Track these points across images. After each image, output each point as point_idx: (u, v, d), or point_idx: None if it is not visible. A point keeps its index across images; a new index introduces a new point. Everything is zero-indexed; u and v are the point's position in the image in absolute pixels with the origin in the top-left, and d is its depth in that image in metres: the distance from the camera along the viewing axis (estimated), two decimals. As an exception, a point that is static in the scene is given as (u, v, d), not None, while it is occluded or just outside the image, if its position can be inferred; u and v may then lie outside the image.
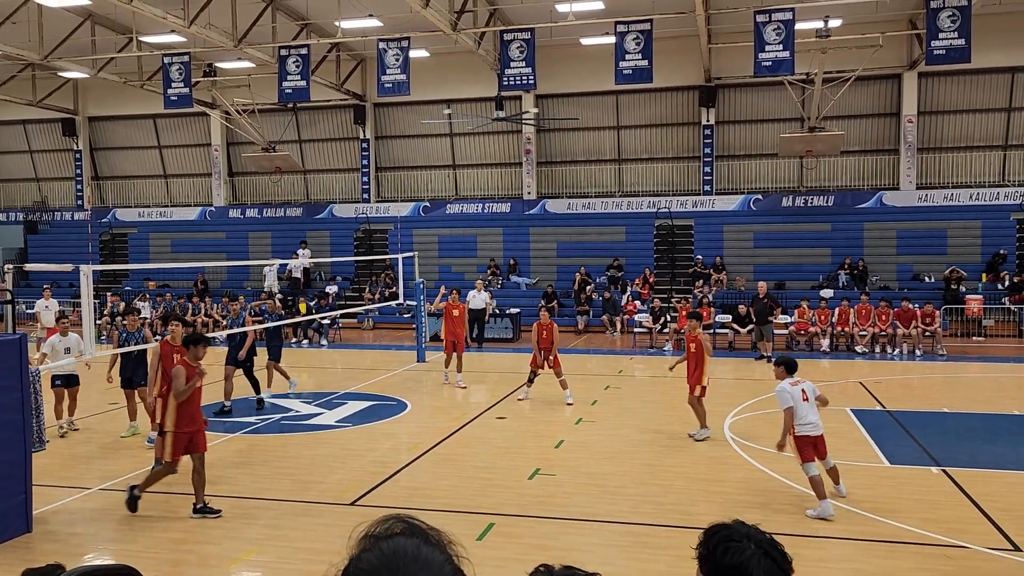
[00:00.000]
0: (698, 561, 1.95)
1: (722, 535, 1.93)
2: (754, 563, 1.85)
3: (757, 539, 1.90)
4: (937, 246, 24.45)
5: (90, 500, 8.67)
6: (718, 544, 1.91)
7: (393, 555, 1.26)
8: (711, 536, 1.94)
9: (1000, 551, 6.86)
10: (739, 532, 1.92)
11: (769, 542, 1.90)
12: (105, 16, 24.13)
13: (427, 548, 1.28)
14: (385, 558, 1.26)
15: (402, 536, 1.29)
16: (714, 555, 1.90)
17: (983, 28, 20.75)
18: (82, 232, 30.25)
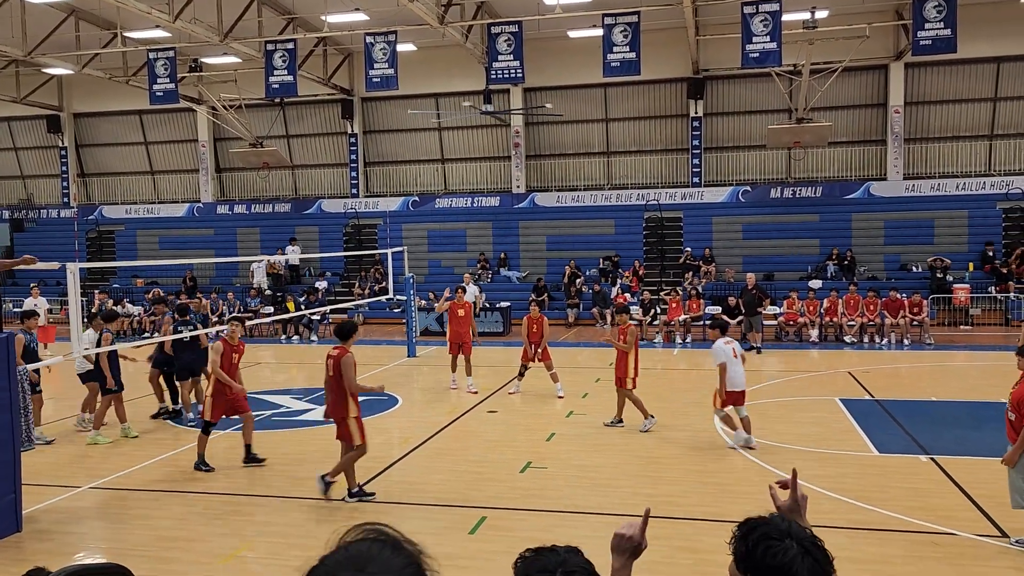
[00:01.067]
0: (734, 556, 1.86)
1: (761, 532, 1.83)
2: (798, 563, 1.76)
3: (799, 536, 1.81)
4: (924, 236, 24.58)
5: (80, 499, 8.64)
6: (758, 542, 1.82)
7: (357, 555, 1.31)
8: (749, 532, 1.85)
9: (988, 537, 6.93)
10: (779, 529, 1.83)
11: (810, 540, 1.81)
12: (89, 11, 23.93)
13: (389, 552, 1.32)
14: (349, 557, 1.31)
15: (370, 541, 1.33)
16: (754, 554, 1.82)
17: (968, 18, 20.84)
18: (69, 230, 30.04)
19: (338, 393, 8.18)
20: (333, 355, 8.25)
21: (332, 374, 8.20)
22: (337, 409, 8.25)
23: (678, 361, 18.17)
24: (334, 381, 8.19)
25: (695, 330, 20.94)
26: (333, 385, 8.20)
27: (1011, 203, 24.61)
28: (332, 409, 8.33)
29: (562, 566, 1.79)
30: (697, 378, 16.15)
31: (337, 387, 8.17)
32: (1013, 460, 6.52)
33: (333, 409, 8.31)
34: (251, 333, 23.63)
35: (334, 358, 8.22)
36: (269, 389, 14.86)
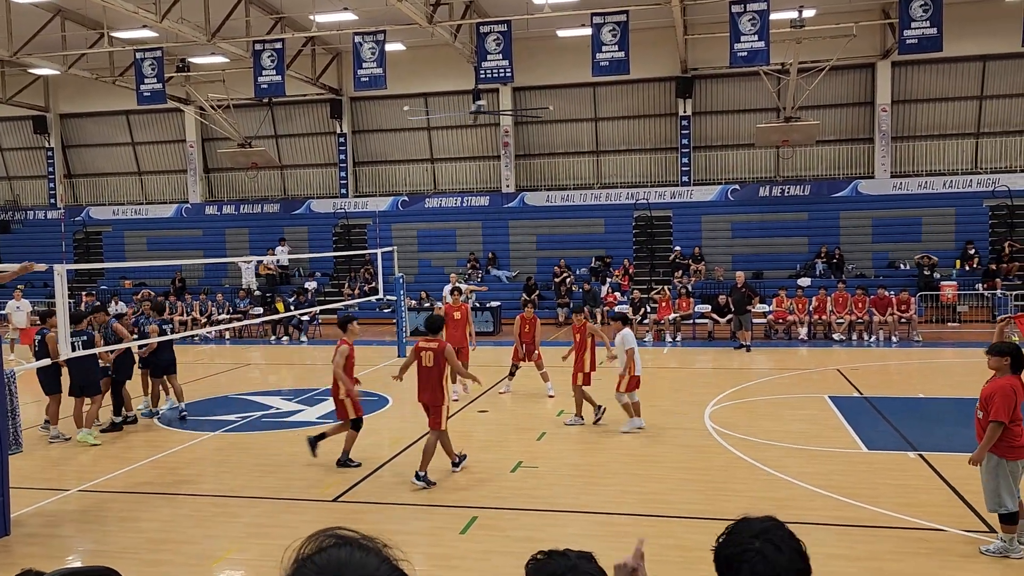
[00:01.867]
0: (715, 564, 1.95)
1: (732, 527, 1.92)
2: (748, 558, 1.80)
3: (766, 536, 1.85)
4: (912, 234, 24.72)
5: (69, 501, 8.59)
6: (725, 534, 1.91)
7: (327, 565, 1.28)
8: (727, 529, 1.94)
9: (976, 533, 6.97)
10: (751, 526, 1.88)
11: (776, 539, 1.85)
12: (75, 11, 23.76)
13: (360, 554, 1.30)
14: (322, 568, 1.28)
15: (334, 548, 1.31)
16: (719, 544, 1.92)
17: (954, 17, 20.96)
18: (55, 231, 29.84)
19: (437, 382, 8.75)
20: (433, 347, 8.76)
21: (432, 365, 8.72)
22: (435, 396, 8.79)
23: (668, 359, 18.20)
24: (434, 371, 8.74)
25: (685, 328, 20.99)
26: (434, 375, 8.74)
27: (997, 200, 24.77)
28: (430, 396, 8.82)
29: (571, 572, 1.80)
30: (687, 377, 16.20)
31: (437, 376, 8.73)
32: (979, 459, 6.49)
33: (431, 396, 8.81)
34: (240, 334, 23.57)
35: (435, 351, 8.73)
36: (258, 390, 14.80)
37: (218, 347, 22.07)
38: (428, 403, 8.88)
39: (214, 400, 13.97)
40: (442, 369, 8.76)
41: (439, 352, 8.75)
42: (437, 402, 8.80)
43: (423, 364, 8.84)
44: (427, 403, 8.89)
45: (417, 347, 8.96)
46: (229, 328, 22.89)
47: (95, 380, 11.28)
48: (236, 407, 13.19)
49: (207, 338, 22.99)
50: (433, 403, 8.83)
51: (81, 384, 11.12)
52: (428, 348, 8.84)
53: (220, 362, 19.18)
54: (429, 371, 8.79)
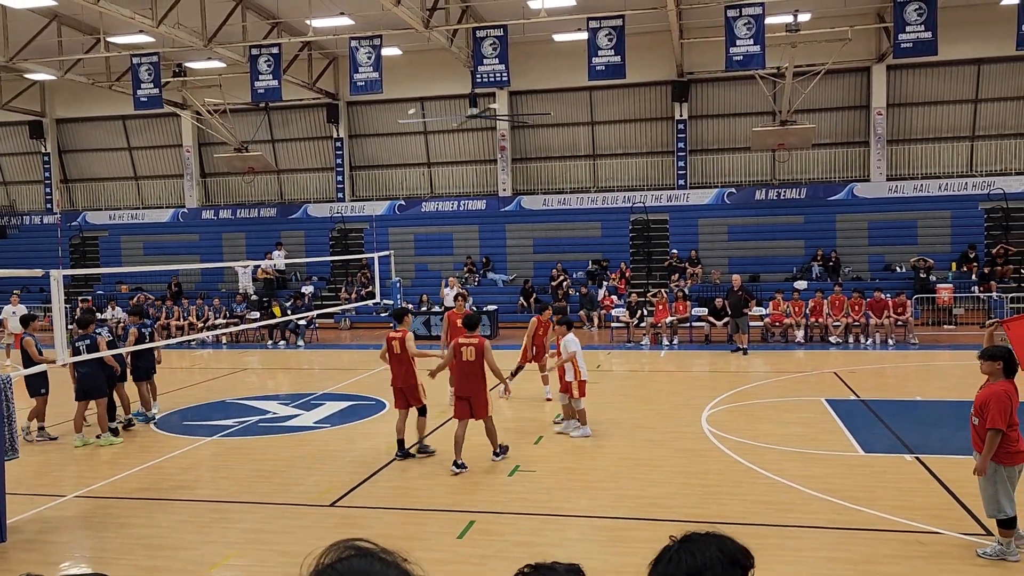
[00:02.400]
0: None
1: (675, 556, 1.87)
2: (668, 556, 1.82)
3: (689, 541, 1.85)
4: (908, 236, 24.78)
5: (66, 507, 8.57)
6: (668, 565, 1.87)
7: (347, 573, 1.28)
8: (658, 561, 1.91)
9: (973, 536, 6.98)
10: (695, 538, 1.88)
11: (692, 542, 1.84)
12: (71, 16, 23.76)
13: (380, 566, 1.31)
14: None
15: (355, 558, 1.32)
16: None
17: (949, 21, 21.05)
18: (52, 236, 29.80)
19: (479, 375, 9.38)
20: (474, 343, 9.36)
21: (474, 359, 9.33)
22: (478, 388, 9.42)
23: (665, 363, 18.22)
24: (476, 365, 9.35)
25: (682, 332, 21.01)
26: (476, 368, 9.36)
27: (992, 203, 24.85)
28: (472, 389, 9.42)
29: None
30: (684, 380, 16.21)
31: (479, 370, 9.37)
32: (983, 468, 6.43)
33: (474, 389, 9.42)
34: (237, 339, 23.54)
35: (476, 346, 9.35)
36: (255, 395, 14.78)
37: (215, 352, 22.04)
38: (471, 396, 9.43)
39: (211, 405, 13.95)
40: (482, 363, 9.34)
41: (479, 347, 9.35)
42: (480, 392, 9.42)
43: (464, 359, 9.38)
44: (470, 396, 9.43)
45: (457, 344, 9.50)
46: (226, 333, 22.87)
47: (100, 384, 11.31)
48: (233, 412, 13.17)
49: (204, 343, 22.96)
50: (476, 394, 9.42)
51: (85, 388, 11.15)
52: (469, 344, 9.39)
53: (217, 367, 19.16)
54: (471, 365, 9.36)
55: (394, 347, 10.10)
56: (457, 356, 9.45)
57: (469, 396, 9.43)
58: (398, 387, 10.14)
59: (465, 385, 9.48)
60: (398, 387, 10.14)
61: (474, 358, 9.35)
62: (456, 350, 9.48)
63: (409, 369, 10.08)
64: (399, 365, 10.08)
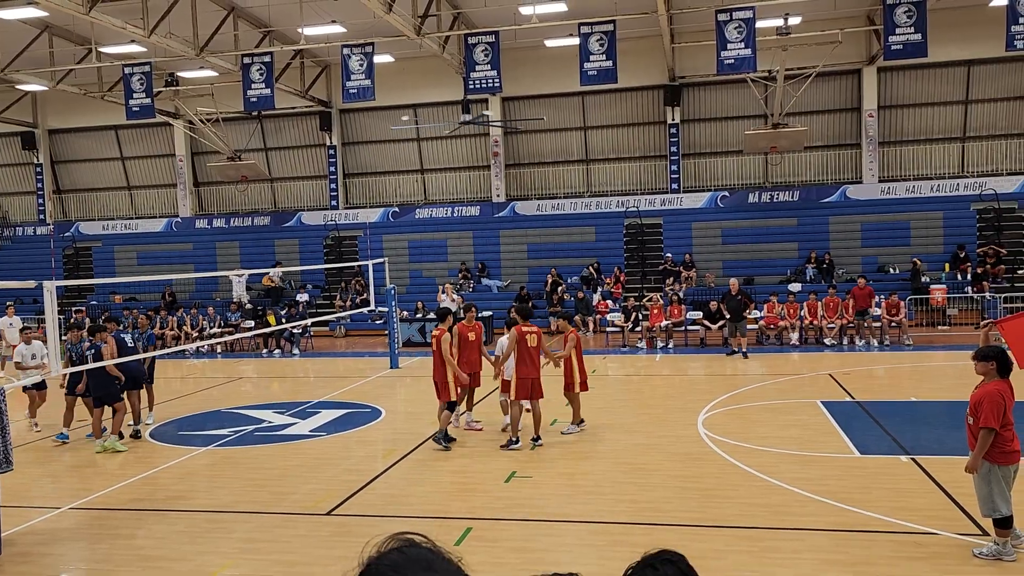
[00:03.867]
0: None
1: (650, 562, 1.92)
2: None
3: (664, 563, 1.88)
4: (901, 238, 24.86)
5: (61, 519, 8.53)
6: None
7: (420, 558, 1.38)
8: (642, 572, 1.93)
9: (969, 536, 6.99)
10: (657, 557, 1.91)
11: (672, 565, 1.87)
12: (63, 27, 23.73)
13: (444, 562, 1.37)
14: (412, 559, 1.37)
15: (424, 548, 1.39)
16: None
17: (938, 23, 21.15)
18: (45, 247, 29.72)
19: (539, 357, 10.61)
20: (535, 330, 10.52)
21: (537, 344, 10.47)
22: (538, 370, 10.59)
23: (661, 367, 18.23)
24: (538, 349, 10.54)
25: (677, 335, 21.03)
26: (538, 353, 10.57)
27: (984, 204, 24.94)
28: (538, 372, 10.56)
29: None
30: (680, 383, 16.23)
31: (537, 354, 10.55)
32: (974, 466, 6.48)
33: (539, 371, 10.58)
34: (232, 348, 23.49)
35: (537, 332, 10.52)
36: (251, 404, 14.75)
37: (210, 361, 21.99)
38: (537, 377, 10.52)
39: (206, 415, 13.91)
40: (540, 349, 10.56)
41: (539, 334, 10.58)
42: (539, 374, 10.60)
43: (529, 345, 10.40)
44: (537, 377, 10.52)
45: (520, 331, 10.39)
46: (221, 342, 22.81)
47: (113, 391, 11.45)
48: (228, 421, 13.13)
49: (200, 352, 22.91)
50: (538, 376, 10.57)
51: (100, 395, 11.37)
52: (532, 332, 10.50)
53: (212, 376, 19.11)
54: (536, 351, 10.48)
55: (431, 344, 11.14)
56: (523, 343, 10.33)
57: (536, 377, 10.51)
58: (434, 380, 11.13)
59: (534, 368, 10.46)
60: (434, 380, 11.13)
61: (537, 343, 10.45)
62: (521, 337, 10.35)
63: (440, 365, 10.89)
64: (435, 360, 11.02)
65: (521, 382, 10.44)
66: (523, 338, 10.41)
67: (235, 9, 22.74)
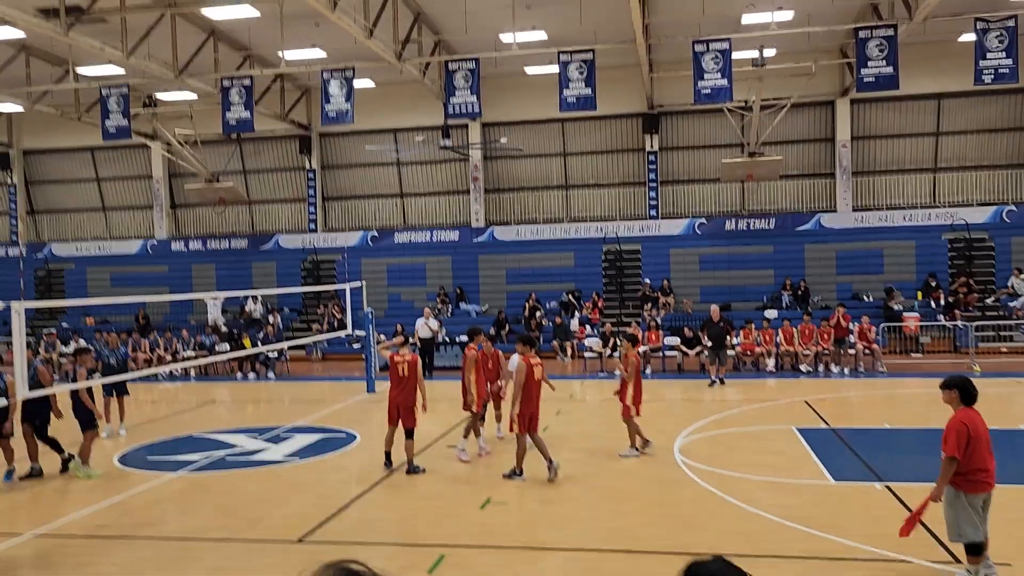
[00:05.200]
0: None
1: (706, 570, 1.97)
2: None
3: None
4: (874, 265, 25.19)
5: (22, 547, 8.31)
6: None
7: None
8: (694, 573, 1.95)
9: (941, 564, 7.01)
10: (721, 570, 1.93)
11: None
12: (40, 48, 23.61)
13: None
14: None
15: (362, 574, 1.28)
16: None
17: (910, 57, 21.61)
18: (14, 268, 29.31)
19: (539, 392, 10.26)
20: (540, 362, 10.20)
21: (540, 376, 10.19)
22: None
23: (638, 393, 18.20)
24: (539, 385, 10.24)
25: (654, 361, 21.06)
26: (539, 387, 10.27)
27: (955, 234, 25.36)
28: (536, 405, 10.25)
29: None
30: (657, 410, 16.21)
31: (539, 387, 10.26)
32: (937, 495, 6.52)
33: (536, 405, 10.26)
34: (206, 371, 23.21)
35: (541, 365, 10.19)
36: (224, 428, 14.54)
37: (183, 384, 21.70)
38: (536, 412, 10.21)
39: (178, 440, 13.69)
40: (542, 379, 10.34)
41: (543, 366, 10.29)
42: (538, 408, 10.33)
43: (536, 377, 10.06)
44: (536, 412, 10.20)
45: (528, 361, 10.01)
46: (195, 365, 22.54)
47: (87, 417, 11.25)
48: (200, 446, 12.93)
49: (173, 375, 22.60)
50: (537, 411, 10.27)
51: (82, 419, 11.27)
52: (538, 363, 10.15)
53: (185, 400, 18.84)
54: (538, 384, 10.21)
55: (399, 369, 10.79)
56: (530, 376, 9.98)
57: (534, 412, 10.19)
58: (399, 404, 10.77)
59: (537, 401, 10.21)
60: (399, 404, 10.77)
61: (540, 376, 10.18)
62: (529, 371, 9.96)
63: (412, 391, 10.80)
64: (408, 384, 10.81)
65: (522, 417, 9.95)
66: (531, 370, 9.97)
67: (215, 32, 22.75)
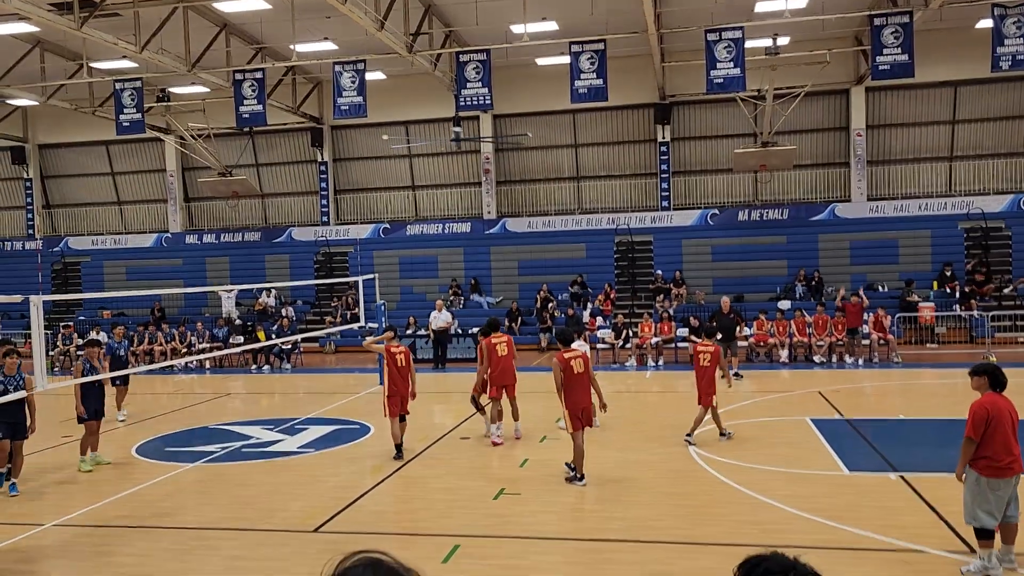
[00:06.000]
0: None
1: (765, 567, 1.94)
2: None
3: (802, 572, 1.90)
4: (889, 256, 25.02)
5: (42, 537, 8.42)
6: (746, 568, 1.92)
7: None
8: (753, 568, 1.95)
9: (957, 554, 6.99)
10: (782, 564, 1.93)
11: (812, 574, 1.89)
12: (54, 43, 23.76)
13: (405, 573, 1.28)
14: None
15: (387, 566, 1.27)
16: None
17: (925, 44, 21.40)
18: (33, 262, 29.57)
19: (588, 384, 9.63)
20: (581, 355, 9.68)
21: (584, 370, 9.56)
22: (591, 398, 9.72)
23: (651, 384, 18.22)
24: (587, 375, 9.61)
25: (667, 352, 21.03)
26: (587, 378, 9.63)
27: (972, 223, 25.15)
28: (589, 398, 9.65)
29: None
30: (670, 401, 16.21)
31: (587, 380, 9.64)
32: (959, 474, 6.59)
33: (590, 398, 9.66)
34: (221, 364, 23.37)
35: (584, 357, 9.69)
36: (239, 420, 14.65)
37: (198, 377, 21.86)
38: (589, 405, 9.63)
39: (193, 431, 13.81)
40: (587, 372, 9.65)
41: (586, 358, 9.79)
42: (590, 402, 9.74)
43: (575, 372, 9.47)
44: (588, 405, 9.62)
45: (562, 358, 9.49)
46: (210, 357, 22.70)
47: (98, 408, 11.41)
48: (216, 438, 13.04)
49: (188, 368, 22.77)
50: (590, 404, 9.69)
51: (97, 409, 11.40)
52: (577, 356, 9.64)
53: (200, 392, 18.99)
54: (582, 376, 9.54)
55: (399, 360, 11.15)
56: (568, 371, 9.44)
57: (588, 406, 9.65)
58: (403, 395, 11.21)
59: (586, 395, 9.61)
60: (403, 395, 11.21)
61: (584, 369, 9.61)
62: (566, 365, 9.45)
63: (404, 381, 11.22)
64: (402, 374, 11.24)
65: (572, 413, 9.42)
66: (567, 366, 9.43)
67: (227, 26, 22.81)
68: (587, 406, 9.60)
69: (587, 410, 9.60)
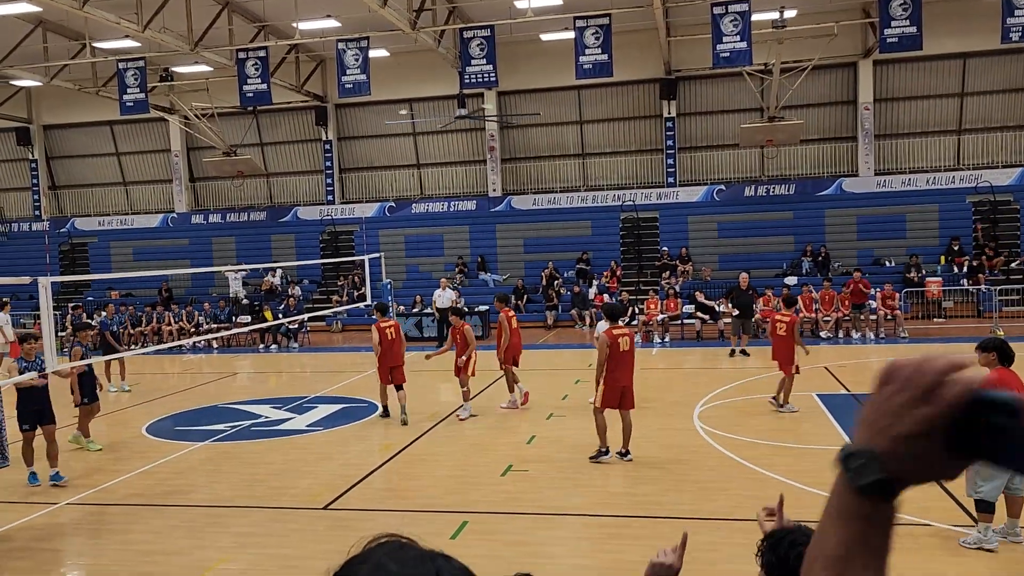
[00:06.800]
0: (765, 568, 2.02)
1: (790, 540, 1.99)
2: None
3: None
4: (897, 230, 24.91)
5: (57, 515, 8.54)
6: (789, 549, 1.97)
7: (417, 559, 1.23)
8: (778, 543, 2.01)
9: (962, 527, 7.03)
10: (806, 535, 1.96)
11: None
12: (57, 23, 23.64)
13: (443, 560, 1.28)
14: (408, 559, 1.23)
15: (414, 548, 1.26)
16: (786, 561, 1.97)
17: (934, 16, 21.17)
18: (40, 243, 29.66)
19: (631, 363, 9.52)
20: (628, 332, 9.61)
21: (629, 348, 9.46)
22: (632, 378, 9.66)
23: (657, 361, 18.26)
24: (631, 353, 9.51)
25: (673, 329, 21.06)
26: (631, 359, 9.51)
27: (980, 196, 24.99)
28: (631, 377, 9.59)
29: None
30: (676, 377, 16.26)
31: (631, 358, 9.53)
32: None
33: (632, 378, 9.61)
34: (228, 343, 23.49)
35: (630, 335, 9.63)
36: (247, 399, 14.76)
37: (206, 356, 21.98)
38: (630, 384, 9.50)
39: (202, 410, 13.92)
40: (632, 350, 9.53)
41: (632, 335, 9.70)
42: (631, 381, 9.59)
43: (622, 349, 9.32)
44: (629, 385, 9.50)
45: (611, 334, 9.30)
46: (218, 337, 22.82)
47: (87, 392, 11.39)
48: (225, 416, 13.15)
49: (196, 347, 22.89)
50: (631, 384, 9.56)
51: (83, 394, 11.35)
52: (624, 334, 9.51)
53: (208, 371, 19.11)
54: (627, 355, 9.41)
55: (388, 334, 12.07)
56: (614, 348, 9.27)
57: (628, 385, 9.46)
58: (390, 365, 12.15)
59: (628, 375, 9.45)
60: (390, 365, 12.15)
61: (630, 347, 9.43)
62: (614, 341, 9.26)
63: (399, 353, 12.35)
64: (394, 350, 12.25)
65: (609, 390, 9.30)
66: (615, 342, 9.23)
67: (229, 3, 22.66)
68: (627, 385, 9.42)
69: (627, 389, 9.42)
